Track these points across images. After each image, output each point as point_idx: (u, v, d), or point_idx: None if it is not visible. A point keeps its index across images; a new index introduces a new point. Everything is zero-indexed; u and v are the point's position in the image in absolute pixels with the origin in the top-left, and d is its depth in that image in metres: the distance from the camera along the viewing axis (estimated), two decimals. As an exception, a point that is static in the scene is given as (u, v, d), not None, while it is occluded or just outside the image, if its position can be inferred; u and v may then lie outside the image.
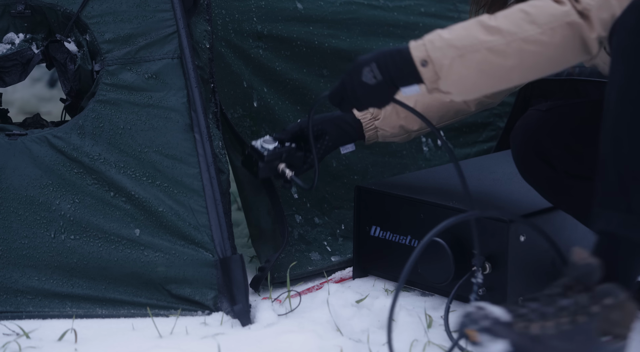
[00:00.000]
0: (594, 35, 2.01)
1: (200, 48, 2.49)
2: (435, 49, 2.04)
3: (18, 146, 2.40)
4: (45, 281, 2.36)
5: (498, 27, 2.02)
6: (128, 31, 2.46)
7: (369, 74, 2.10)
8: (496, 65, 2.03)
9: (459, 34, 2.04)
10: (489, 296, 2.37)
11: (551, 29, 2.01)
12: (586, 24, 2.00)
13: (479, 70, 2.04)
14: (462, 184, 2.22)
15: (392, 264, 2.50)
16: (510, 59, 2.02)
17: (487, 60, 2.02)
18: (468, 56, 2.02)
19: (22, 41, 2.51)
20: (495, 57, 2.02)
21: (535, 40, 2.01)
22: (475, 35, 2.03)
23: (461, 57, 2.02)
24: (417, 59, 2.05)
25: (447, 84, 2.05)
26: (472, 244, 2.37)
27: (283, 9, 2.81)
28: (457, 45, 2.03)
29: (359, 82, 2.12)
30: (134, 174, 2.41)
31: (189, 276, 2.37)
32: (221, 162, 2.46)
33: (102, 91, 2.43)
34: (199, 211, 2.39)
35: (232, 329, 2.30)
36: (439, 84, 2.05)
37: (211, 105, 2.49)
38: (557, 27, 2.01)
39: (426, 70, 2.04)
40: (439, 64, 2.03)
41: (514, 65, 2.03)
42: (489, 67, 2.03)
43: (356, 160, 2.86)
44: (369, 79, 2.10)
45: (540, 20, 2.02)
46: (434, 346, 2.21)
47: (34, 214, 2.38)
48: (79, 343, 2.24)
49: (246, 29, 2.75)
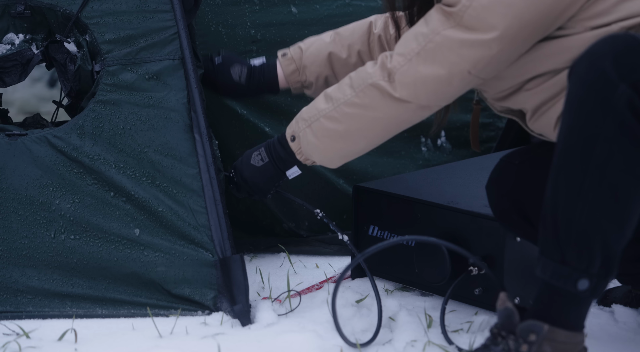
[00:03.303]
0: (396, 95, 2.12)
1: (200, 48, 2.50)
2: (296, 122, 2.28)
3: (18, 146, 2.40)
4: (45, 280, 2.37)
5: (330, 94, 2.22)
6: (128, 32, 2.46)
7: (257, 158, 2.37)
8: (332, 130, 2.21)
9: (308, 107, 2.26)
10: (486, 296, 2.38)
11: (361, 92, 2.17)
12: (390, 85, 2.13)
13: (321, 137, 2.23)
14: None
15: (391, 264, 2.51)
16: (341, 123, 2.20)
17: (324, 126, 2.22)
18: (313, 125, 2.24)
19: (22, 41, 2.51)
20: (329, 122, 2.21)
21: (351, 104, 2.18)
22: (317, 105, 2.24)
23: (309, 127, 2.24)
24: (288, 136, 2.30)
25: (306, 152, 2.27)
26: (469, 244, 2.39)
27: (277, 13, 2.81)
28: (304, 117, 2.26)
29: (247, 164, 2.38)
30: (133, 174, 2.41)
31: (189, 276, 2.38)
32: (218, 160, 2.46)
33: (102, 91, 2.43)
34: (199, 211, 2.40)
35: (232, 329, 2.30)
36: (303, 153, 2.28)
37: None
38: (364, 89, 2.16)
39: (294, 144, 2.29)
40: (297, 136, 2.27)
41: (345, 129, 2.20)
42: (327, 133, 2.22)
43: (355, 161, 2.86)
44: (256, 162, 2.35)
45: (355, 83, 2.18)
46: (433, 345, 2.22)
47: (34, 214, 2.39)
48: (79, 343, 2.24)
49: (240, 34, 2.76)
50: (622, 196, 1.82)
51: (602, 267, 1.84)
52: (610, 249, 1.84)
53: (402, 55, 2.12)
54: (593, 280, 1.85)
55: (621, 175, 1.81)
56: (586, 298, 1.88)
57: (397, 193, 2.55)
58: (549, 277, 1.87)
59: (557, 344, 1.89)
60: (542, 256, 1.89)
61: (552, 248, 1.87)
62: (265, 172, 2.37)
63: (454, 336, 2.28)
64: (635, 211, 1.84)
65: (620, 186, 1.81)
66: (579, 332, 1.91)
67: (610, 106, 1.79)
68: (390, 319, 2.34)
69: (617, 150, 1.80)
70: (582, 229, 1.84)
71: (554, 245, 1.86)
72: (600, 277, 1.85)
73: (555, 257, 1.86)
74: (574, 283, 1.85)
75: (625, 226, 1.84)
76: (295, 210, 2.82)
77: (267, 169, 2.36)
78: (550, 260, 1.87)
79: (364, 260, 2.29)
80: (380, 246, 2.20)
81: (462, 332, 2.31)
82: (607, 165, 1.81)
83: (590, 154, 1.81)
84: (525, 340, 1.89)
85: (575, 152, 1.84)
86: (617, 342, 2.28)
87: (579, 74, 1.84)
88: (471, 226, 2.39)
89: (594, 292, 1.87)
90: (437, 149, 3.05)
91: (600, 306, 2.47)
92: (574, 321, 1.90)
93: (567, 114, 1.86)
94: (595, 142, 1.81)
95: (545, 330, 1.88)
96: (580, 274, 1.84)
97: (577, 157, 1.83)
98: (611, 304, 2.45)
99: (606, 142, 1.80)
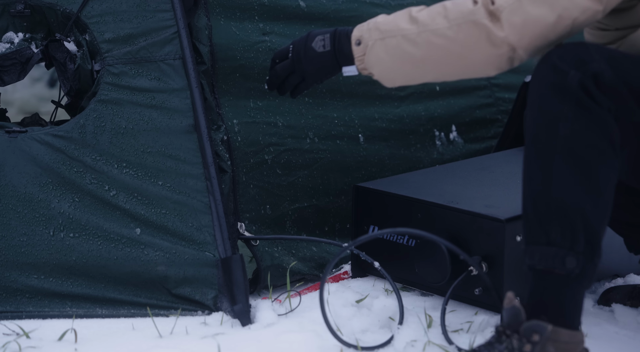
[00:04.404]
0: (501, 35, 2.06)
1: (200, 43, 2.49)
2: (367, 29, 2.21)
3: (18, 144, 2.40)
4: (44, 279, 2.36)
5: (417, 17, 2.15)
6: (128, 31, 2.46)
7: (319, 42, 2.28)
8: (407, 53, 2.15)
9: (386, 19, 2.19)
10: (486, 296, 2.38)
11: (457, 26, 2.10)
12: (494, 25, 2.07)
13: (393, 55, 2.17)
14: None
15: (390, 264, 2.51)
16: (420, 49, 2.14)
17: (400, 46, 2.16)
18: (387, 40, 2.17)
19: (22, 40, 2.51)
20: (407, 44, 2.15)
21: (441, 34, 2.12)
22: (398, 22, 2.17)
23: (382, 40, 2.18)
24: (354, 38, 2.22)
25: (369, 63, 2.21)
26: (469, 244, 2.39)
27: (285, 6, 2.80)
28: (381, 28, 2.19)
29: (308, 46, 2.29)
30: (135, 173, 2.41)
31: (189, 276, 2.38)
32: (223, 161, 2.46)
33: (103, 91, 2.43)
34: (200, 211, 2.40)
35: (232, 329, 2.30)
36: (364, 62, 2.22)
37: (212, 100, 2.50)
38: (462, 24, 2.10)
39: (358, 49, 2.22)
40: (365, 44, 2.20)
41: (424, 56, 2.14)
42: (401, 53, 2.16)
43: (373, 153, 2.87)
44: (318, 47, 2.26)
45: (451, 15, 2.11)
46: (434, 345, 2.22)
47: (33, 212, 2.38)
48: (79, 343, 2.24)
49: (248, 27, 2.75)
50: (591, 169, 1.95)
51: (586, 245, 1.94)
52: (592, 227, 1.94)
53: None
54: (580, 258, 1.94)
55: (587, 150, 1.94)
56: (577, 281, 1.95)
57: (397, 193, 2.55)
58: (537, 261, 1.96)
59: (560, 344, 1.92)
60: (527, 246, 1.99)
61: (536, 232, 1.97)
62: (323, 61, 2.30)
63: (454, 336, 2.28)
64: (607, 186, 1.96)
65: (588, 159, 1.94)
66: (579, 331, 1.96)
67: (565, 89, 1.95)
68: (390, 319, 2.34)
69: (578, 127, 1.94)
70: (560, 206, 1.94)
71: (537, 229, 1.97)
72: (586, 257, 1.94)
73: (540, 241, 1.96)
74: (561, 261, 1.94)
75: (599, 200, 1.95)
76: None
77: (326, 58, 2.29)
78: (536, 245, 1.97)
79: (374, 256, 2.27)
80: (371, 235, 2.19)
81: (462, 332, 2.31)
82: (572, 142, 1.94)
83: (556, 135, 1.95)
84: (528, 340, 1.92)
85: (541, 138, 1.97)
86: (617, 342, 2.28)
87: (535, 78, 2.00)
88: (471, 226, 2.39)
89: (583, 275, 1.95)
90: (450, 143, 3.06)
91: (600, 306, 2.48)
92: (569, 315, 1.95)
93: (530, 109, 2.00)
94: (558, 124, 1.95)
95: (548, 330, 1.91)
96: (566, 252, 1.94)
97: (544, 141, 1.96)
98: (611, 304, 2.45)
99: (567, 121, 1.94)
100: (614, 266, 2.58)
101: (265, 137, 2.64)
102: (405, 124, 2.97)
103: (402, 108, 2.97)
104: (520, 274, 2.37)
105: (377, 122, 2.90)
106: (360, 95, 2.88)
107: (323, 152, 2.76)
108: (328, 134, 2.78)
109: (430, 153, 3.01)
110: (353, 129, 2.84)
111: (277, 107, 2.71)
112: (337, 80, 2.82)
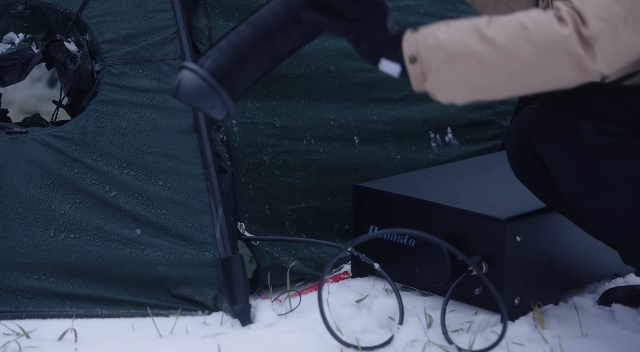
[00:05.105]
0: (593, 65, 1.87)
1: (200, 43, 2.49)
2: (426, 47, 1.90)
3: (19, 145, 2.40)
4: (44, 280, 2.37)
5: (493, 38, 1.87)
6: (128, 31, 2.46)
7: (391, 22, 1.95)
8: (483, 79, 1.90)
9: (452, 37, 1.89)
10: (486, 296, 2.38)
11: (546, 53, 1.87)
12: (587, 55, 1.86)
13: (465, 81, 1.91)
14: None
15: (390, 264, 2.51)
16: (499, 76, 1.89)
17: (475, 72, 1.89)
18: (457, 64, 1.89)
19: (22, 41, 2.51)
20: (484, 70, 1.89)
21: (526, 61, 1.87)
22: (468, 42, 1.88)
23: (449, 63, 1.89)
24: (406, 53, 1.91)
25: (433, 86, 1.93)
26: (469, 244, 2.39)
27: None
28: (447, 49, 1.89)
29: (382, 24, 1.94)
30: (136, 174, 2.41)
31: (189, 276, 2.38)
32: (223, 161, 2.46)
33: (104, 91, 2.44)
34: (201, 211, 2.40)
35: (232, 328, 2.30)
36: (425, 85, 1.93)
37: None
38: (553, 52, 1.86)
39: (414, 67, 1.92)
40: (427, 65, 1.90)
41: (502, 82, 1.90)
42: (475, 79, 1.90)
43: (368, 155, 2.87)
44: (390, 26, 1.94)
45: (537, 40, 1.87)
46: (434, 345, 2.22)
47: (34, 213, 2.39)
48: (79, 343, 2.24)
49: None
50: None
51: None
52: None
53: (604, 19, 1.85)
54: None
55: None
56: None
57: (397, 193, 2.55)
58: None
59: None
60: None
61: None
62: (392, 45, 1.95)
63: (454, 335, 2.28)
64: None
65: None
66: None
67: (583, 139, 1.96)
68: (390, 319, 2.34)
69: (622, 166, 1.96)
70: None
71: None
72: None
73: None
74: None
75: None
76: None
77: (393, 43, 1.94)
78: None
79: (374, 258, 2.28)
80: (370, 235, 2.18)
81: (462, 332, 2.31)
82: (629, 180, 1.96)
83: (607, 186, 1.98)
84: None
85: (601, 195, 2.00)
86: (617, 342, 2.28)
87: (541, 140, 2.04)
88: (471, 226, 2.39)
89: None
90: (446, 145, 3.06)
91: (600, 306, 2.47)
92: None
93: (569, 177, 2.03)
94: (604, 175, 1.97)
95: None
96: None
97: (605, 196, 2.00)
98: (611, 304, 2.45)
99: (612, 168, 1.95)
100: (614, 266, 2.57)
101: (264, 138, 2.65)
102: (401, 126, 2.97)
103: (397, 110, 2.97)
104: (520, 274, 2.38)
105: (373, 124, 2.90)
106: (356, 97, 2.88)
107: (319, 153, 2.76)
108: (324, 136, 2.79)
109: (426, 155, 3.01)
110: (348, 131, 2.84)
111: (275, 108, 2.72)
112: (333, 82, 2.82)
